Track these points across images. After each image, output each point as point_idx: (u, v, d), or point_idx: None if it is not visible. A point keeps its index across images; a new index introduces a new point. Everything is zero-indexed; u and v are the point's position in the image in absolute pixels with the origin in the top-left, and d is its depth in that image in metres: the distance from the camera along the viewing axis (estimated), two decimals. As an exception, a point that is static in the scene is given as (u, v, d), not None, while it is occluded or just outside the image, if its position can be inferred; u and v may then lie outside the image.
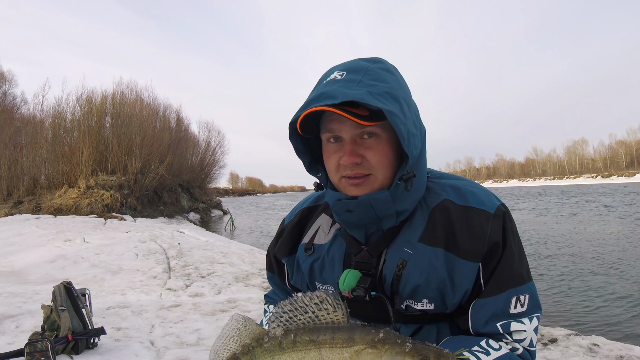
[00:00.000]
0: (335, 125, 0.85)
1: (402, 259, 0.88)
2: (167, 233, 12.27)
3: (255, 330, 0.71)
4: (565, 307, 5.75)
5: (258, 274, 6.42)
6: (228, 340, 0.72)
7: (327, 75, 0.87)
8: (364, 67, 0.84)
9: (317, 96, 0.80)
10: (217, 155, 34.77)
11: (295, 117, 0.83)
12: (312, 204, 1.10)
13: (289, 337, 0.66)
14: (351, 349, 0.64)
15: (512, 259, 0.86)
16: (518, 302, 0.84)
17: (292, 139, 0.90)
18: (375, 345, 0.64)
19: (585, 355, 3.05)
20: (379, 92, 0.80)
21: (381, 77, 0.83)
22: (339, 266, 0.95)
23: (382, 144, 0.85)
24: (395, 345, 0.64)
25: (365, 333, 0.65)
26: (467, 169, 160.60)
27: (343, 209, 0.88)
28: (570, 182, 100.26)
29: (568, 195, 36.26)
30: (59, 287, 3.34)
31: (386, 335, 0.65)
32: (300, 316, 0.67)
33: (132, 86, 24.48)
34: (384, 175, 0.86)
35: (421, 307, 0.89)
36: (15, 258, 8.06)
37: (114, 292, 5.35)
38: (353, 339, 0.64)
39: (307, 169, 0.96)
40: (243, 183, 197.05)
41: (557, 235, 12.37)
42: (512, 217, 0.90)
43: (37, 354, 2.79)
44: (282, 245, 1.08)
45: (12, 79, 31.66)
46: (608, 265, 8.06)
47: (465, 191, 0.91)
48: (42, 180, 20.29)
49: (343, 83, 0.81)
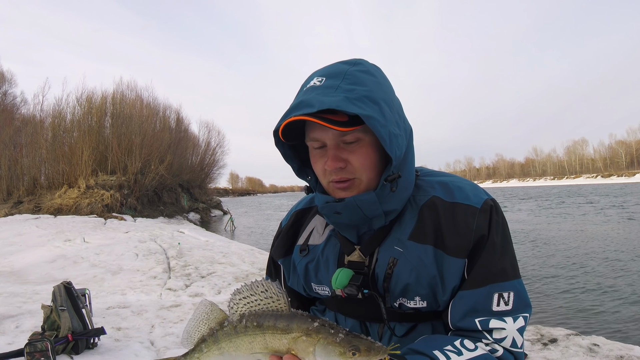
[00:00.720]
0: (317, 134, 0.86)
1: (393, 257, 0.89)
2: (167, 233, 12.27)
3: (219, 315, 0.77)
4: (565, 307, 5.75)
5: (258, 274, 6.43)
6: (198, 323, 0.78)
7: (308, 81, 0.87)
8: (343, 71, 0.84)
9: (297, 105, 0.81)
10: (217, 155, 34.86)
11: (277, 126, 0.84)
12: (305, 205, 1.11)
13: (242, 323, 0.72)
14: (289, 336, 0.69)
15: (493, 252, 0.84)
16: (501, 299, 0.83)
17: (279, 145, 0.91)
18: (310, 334, 0.67)
19: (585, 355, 3.05)
20: (357, 96, 0.80)
21: (359, 80, 0.83)
22: (333, 266, 0.96)
23: (364, 147, 0.85)
24: (329, 335, 0.66)
25: (302, 322, 0.69)
26: (467, 169, 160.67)
27: (331, 211, 0.89)
28: (570, 182, 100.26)
29: (564, 196, 36.25)
30: (59, 287, 3.35)
31: (321, 324, 0.68)
32: (251, 303, 0.73)
33: (132, 86, 24.53)
34: (369, 177, 0.87)
35: (414, 305, 0.89)
36: (15, 258, 8.06)
37: (114, 292, 5.35)
38: (291, 326, 0.69)
39: (297, 174, 0.97)
40: (243, 183, 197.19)
41: (557, 236, 12.38)
42: (500, 212, 0.89)
43: (37, 354, 2.79)
44: (278, 247, 1.09)
45: (12, 79, 31.67)
46: (608, 265, 8.06)
47: (452, 187, 0.91)
48: (42, 180, 20.29)
49: (321, 90, 0.81)
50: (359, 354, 0.65)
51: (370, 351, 0.65)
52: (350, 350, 0.65)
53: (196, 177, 30.17)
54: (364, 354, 0.65)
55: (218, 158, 35.19)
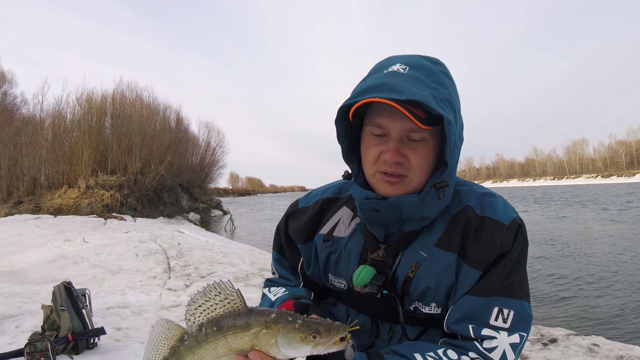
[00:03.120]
0: (385, 121, 0.82)
1: (416, 262, 0.89)
2: (167, 233, 12.26)
3: (177, 331, 0.75)
4: (565, 307, 5.74)
5: (258, 274, 6.43)
6: (157, 345, 0.75)
7: (387, 64, 0.84)
8: (427, 66, 0.82)
9: (378, 85, 0.77)
10: (217, 155, 34.83)
11: (351, 102, 0.80)
12: (333, 195, 1.08)
13: (202, 331, 0.71)
14: (250, 332, 0.69)
15: (505, 267, 0.84)
16: (500, 315, 0.81)
17: (338, 123, 0.88)
18: (269, 326, 0.68)
19: (585, 355, 3.05)
20: (441, 97, 0.79)
21: (442, 81, 0.82)
22: (354, 261, 0.95)
23: (426, 149, 0.84)
24: (287, 323, 0.68)
25: (260, 315, 0.69)
26: (467, 169, 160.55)
27: (370, 207, 0.87)
28: (571, 182, 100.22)
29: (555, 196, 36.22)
30: (59, 287, 3.34)
31: (278, 315, 0.69)
32: (207, 310, 0.72)
33: (132, 86, 24.52)
34: (420, 179, 0.85)
35: (428, 310, 0.89)
36: (15, 258, 8.05)
37: (114, 292, 5.35)
38: (250, 323, 0.69)
39: (344, 156, 0.94)
40: (243, 183, 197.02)
41: (557, 236, 12.38)
42: (524, 232, 0.89)
43: (37, 354, 2.79)
44: (299, 231, 1.05)
45: (12, 79, 31.63)
46: (608, 265, 8.06)
47: (484, 201, 0.91)
48: (42, 180, 20.28)
49: (406, 79, 0.78)
50: (319, 336, 0.66)
51: (330, 331, 0.67)
52: (310, 334, 0.66)
53: (196, 177, 30.15)
54: (324, 335, 0.67)
55: (218, 158, 35.20)
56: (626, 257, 8.61)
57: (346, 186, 1.07)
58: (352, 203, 1.01)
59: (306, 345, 0.67)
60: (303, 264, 1.07)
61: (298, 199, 1.12)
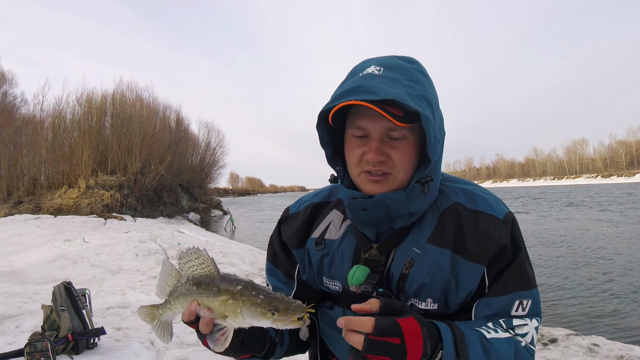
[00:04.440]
0: (365, 122, 0.85)
1: (410, 258, 0.89)
2: (167, 233, 12.27)
3: (177, 274, 0.88)
4: (565, 307, 5.75)
5: (258, 274, 6.43)
6: (166, 278, 0.90)
7: (362, 67, 0.86)
8: (401, 66, 0.84)
9: (354, 88, 0.79)
10: (217, 156, 34.86)
11: (329, 107, 0.82)
12: (322, 199, 1.09)
13: (188, 283, 0.81)
14: (219, 299, 0.76)
15: (523, 263, 0.88)
16: (520, 306, 0.86)
17: (319, 128, 0.90)
18: (235, 297, 0.74)
19: (585, 355, 3.05)
20: (416, 94, 0.80)
21: (417, 78, 0.84)
22: (348, 262, 0.96)
23: (407, 146, 0.86)
24: (251, 296, 0.73)
25: (229, 285, 0.76)
26: (467, 169, 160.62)
27: (358, 207, 0.89)
28: (571, 182, 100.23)
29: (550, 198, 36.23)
30: (59, 287, 3.34)
31: (244, 287, 0.75)
32: (191, 268, 0.82)
33: (132, 86, 24.53)
34: (404, 176, 0.87)
35: (425, 306, 0.90)
36: (15, 258, 8.06)
37: (114, 292, 5.35)
38: (220, 290, 0.76)
39: (328, 160, 0.96)
40: (243, 183, 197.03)
41: (557, 236, 12.38)
42: (518, 225, 0.92)
43: (37, 354, 2.79)
44: (292, 237, 1.07)
45: (12, 79, 31.64)
46: (607, 265, 8.07)
47: (475, 196, 0.92)
48: (42, 180, 20.29)
49: (382, 79, 0.80)
50: (277, 313, 0.71)
51: (288, 310, 0.71)
52: (270, 311, 0.71)
53: (196, 177, 30.16)
54: (282, 312, 0.71)
55: (218, 158, 35.22)
56: (626, 257, 8.62)
57: (335, 190, 1.09)
58: (342, 206, 1.02)
59: (266, 320, 0.72)
60: (299, 271, 1.08)
61: (288, 206, 1.14)
